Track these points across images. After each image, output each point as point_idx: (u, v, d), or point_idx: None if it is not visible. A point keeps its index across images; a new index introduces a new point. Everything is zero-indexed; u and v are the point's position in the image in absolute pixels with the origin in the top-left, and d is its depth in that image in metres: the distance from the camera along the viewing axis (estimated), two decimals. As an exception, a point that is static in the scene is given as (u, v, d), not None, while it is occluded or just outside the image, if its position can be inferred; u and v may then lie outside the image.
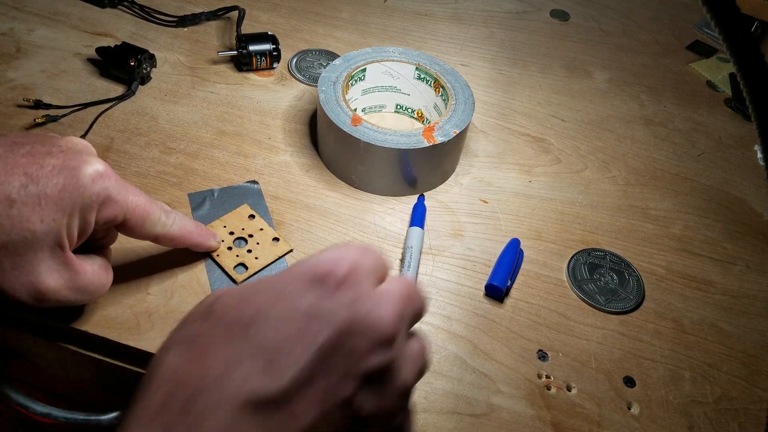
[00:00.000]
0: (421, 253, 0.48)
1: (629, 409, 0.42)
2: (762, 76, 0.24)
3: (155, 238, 0.39)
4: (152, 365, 0.26)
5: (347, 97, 0.55)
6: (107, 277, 0.38)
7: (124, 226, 0.37)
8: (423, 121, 0.62)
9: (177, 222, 0.40)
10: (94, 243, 0.38)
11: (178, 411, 0.23)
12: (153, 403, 0.24)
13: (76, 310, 0.42)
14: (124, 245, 0.45)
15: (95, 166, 0.35)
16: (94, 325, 0.41)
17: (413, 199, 0.54)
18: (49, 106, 0.56)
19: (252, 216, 0.49)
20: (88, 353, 0.42)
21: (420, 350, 0.29)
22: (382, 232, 0.51)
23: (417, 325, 0.45)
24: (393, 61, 0.58)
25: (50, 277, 0.34)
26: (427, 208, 0.53)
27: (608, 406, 0.42)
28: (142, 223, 0.37)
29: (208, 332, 0.25)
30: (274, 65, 0.65)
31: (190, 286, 0.44)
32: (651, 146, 0.64)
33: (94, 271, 0.37)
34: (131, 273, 0.44)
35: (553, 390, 0.42)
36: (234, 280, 0.45)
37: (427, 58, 0.59)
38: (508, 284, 0.47)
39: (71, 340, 0.42)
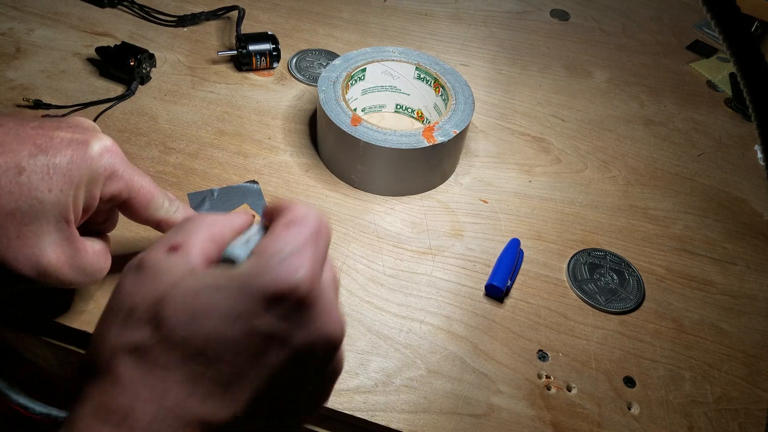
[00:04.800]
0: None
1: (629, 409, 0.42)
2: (762, 76, 0.24)
3: (158, 224, 0.39)
4: (99, 364, 0.25)
5: (347, 96, 0.55)
6: (106, 261, 0.38)
7: (128, 205, 0.37)
8: (423, 121, 0.62)
9: (180, 211, 0.40)
10: (94, 227, 0.38)
11: (141, 429, 0.23)
12: (118, 408, 0.24)
13: (76, 309, 0.42)
14: (124, 245, 0.45)
15: (103, 141, 0.35)
16: (93, 324, 0.41)
17: (414, 199, 0.54)
18: (48, 106, 0.56)
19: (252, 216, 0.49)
20: (88, 353, 0.42)
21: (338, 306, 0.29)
22: (382, 232, 0.51)
23: (418, 327, 0.45)
24: (393, 60, 0.58)
25: (53, 251, 0.34)
26: (427, 208, 0.53)
27: (608, 407, 0.42)
28: (146, 204, 0.38)
29: (160, 350, 0.24)
30: (274, 65, 0.65)
31: (189, 286, 0.44)
32: (651, 146, 0.64)
33: (95, 251, 0.37)
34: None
35: (553, 390, 0.42)
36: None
37: (427, 58, 0.59)
38: (508, 284, 0.47)
39: (71, 339, 0.42)
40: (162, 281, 0.26)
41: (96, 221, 0.38)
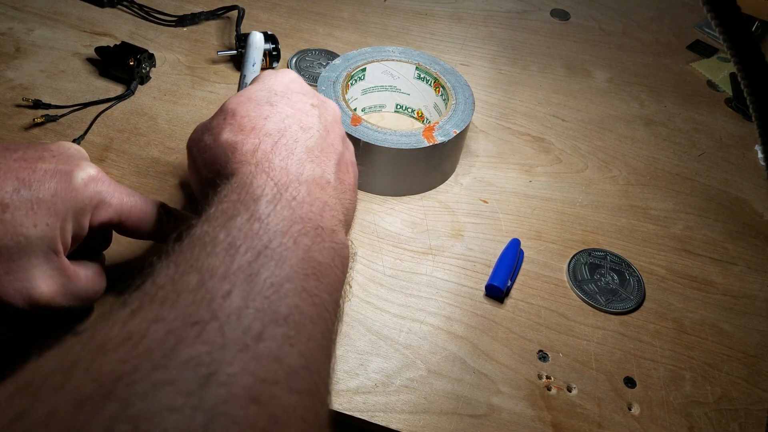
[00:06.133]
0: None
1: (630, 409, 0.42)
2: (763, 76, 0.24)
3: (156, 237, 0.39)
4: (208, 150, 0.35)
5: (347, 96, 0.55)
6: (101, 283, 0.38)
7: (122, 227, 0.37)
8: (423, 121, 0.62)
9: (178, 219, 0.40)
10: (87, 248, 0.38)
11: (270, 149, 0.33)
12: (247, 150, 0.33)
13: (76, 311, 0.41)
14: (123, 245, 0.45)
15: (87, 170, 0.35)
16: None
17: (413, 199, 0.54)
18: (48, 106, 0.56)
19: None
20: (88, 354, 0.42)
21: None
22: (382, 232, 0.51)
23: (418, 327, 0.45)
24: (393, 60, 0.58)
25: (44, 282, 0.34)
26: (427, 208, 0.53)
27: (609, 407, 0.42)
28: (141, 223, 0.37)
29: (248, 119, 0.35)
30: (274, 65, 0.65)
31: (189, 286, 0.44)
32: (651, 146, 0.64)
33: (88, 277, 0.37)
34: (131, 273, 0.44)
35: (554, 390, 0.42)
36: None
37: (427, 58, 0.59)
38: (509, 284, 0.47)
39: (70, 340, 0.42)
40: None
41: (89, 242, 0.38)
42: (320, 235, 0.30)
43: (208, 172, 0.35)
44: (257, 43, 0.44)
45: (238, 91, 0.44)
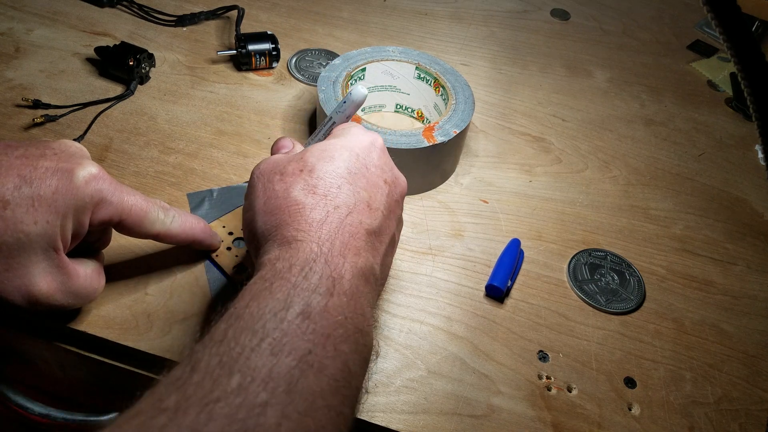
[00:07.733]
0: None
1: (630, 410, 0.42)
2: (763, 76, 0.24)
3: (156, 237, 0.39)
4: (275, 198, 0.34)
5: (347, 96, 0.54)
6: (99, 281, 0.38)
7: (122, 226, 0.37)
8: (423, 121, 0.62)
9: (177, 219, 0.40)
10: (86, 247, 0.38)
11: (335, 228, 0.33)
12: (313, 219, 0.33)
13: (74, 310, 0.41)
14: (122, 244, 0.45)
15: (88, 168, 0.35)
16: (92, 325, 0.41)
17: (413, 199, 0.54)
18: (47, 106, 0.56)
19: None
20: (87, 354, 0.42)
21: None
22: (382, 233, 0.51)
23: (418, 327, 0.45)
24: (393, 60, 0.58)
25: (43, 280, 0.34)
26: (427, 208, 0.53)
27: (609, 407, 0.42)
28: (140, 222, 0.37)
29: (322, 182, 0.34)
30: (274, 65, 0.65)
31: (189, 286, 0.44)
32: (652, 146, 0.64)
33: (87, 275, 0.37)
34: (130, 272, 0.44)
35: (554, 391, 0.42)
36: (234, 281, 0.44)
37: (427, 58, 0.59)
38: (509, 285, 0.47)
39: (69, 340, 0.42)
40: (287, 157, 0.37)
41: (88, 242, 0.38)
42: (357, 341, 0.30)
43: (267, 219, 0.34)
44: (359, 99, 0.40)
45: (318, 131, 0.43)
